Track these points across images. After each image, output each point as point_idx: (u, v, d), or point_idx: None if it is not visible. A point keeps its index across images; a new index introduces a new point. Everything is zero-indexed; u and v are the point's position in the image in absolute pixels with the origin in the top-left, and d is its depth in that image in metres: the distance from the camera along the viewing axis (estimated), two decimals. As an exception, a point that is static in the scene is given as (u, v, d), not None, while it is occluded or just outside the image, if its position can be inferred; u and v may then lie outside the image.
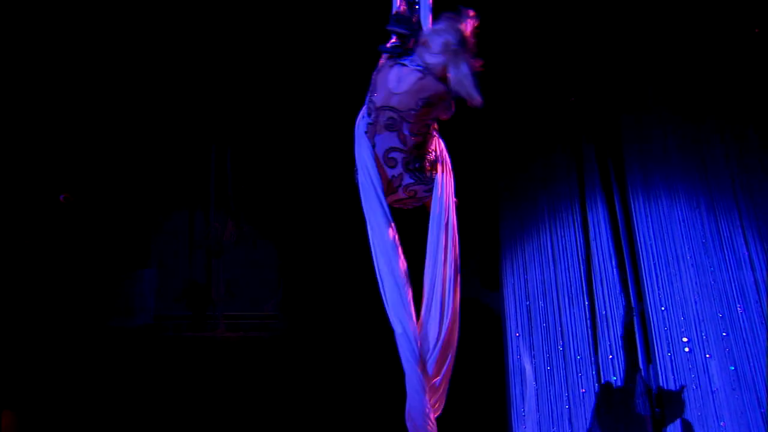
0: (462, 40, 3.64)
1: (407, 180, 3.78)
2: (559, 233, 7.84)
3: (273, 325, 10.43)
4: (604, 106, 7.80)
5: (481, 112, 7.43)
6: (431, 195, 3.86)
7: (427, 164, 3.80)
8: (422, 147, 3.76)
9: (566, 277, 7.72)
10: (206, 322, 10.52)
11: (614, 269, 7.48)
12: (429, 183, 3.82)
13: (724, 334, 6.77)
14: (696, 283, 7.09)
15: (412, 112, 3.63)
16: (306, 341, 9.36)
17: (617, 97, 7.71)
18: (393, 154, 3.72)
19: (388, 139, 3.71)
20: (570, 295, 7.62)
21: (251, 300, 10.92)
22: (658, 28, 7.38)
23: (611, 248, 7.56)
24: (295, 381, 8.94)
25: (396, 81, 3.70)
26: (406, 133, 3.69)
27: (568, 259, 7.75)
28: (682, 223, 7.24)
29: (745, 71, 7.04)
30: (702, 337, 6.88)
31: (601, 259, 7.58)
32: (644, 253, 7.32)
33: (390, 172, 3.75)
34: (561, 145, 7.95)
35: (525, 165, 8.13)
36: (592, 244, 7.65)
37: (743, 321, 6.72)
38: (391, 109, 3.66)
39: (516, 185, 8.18)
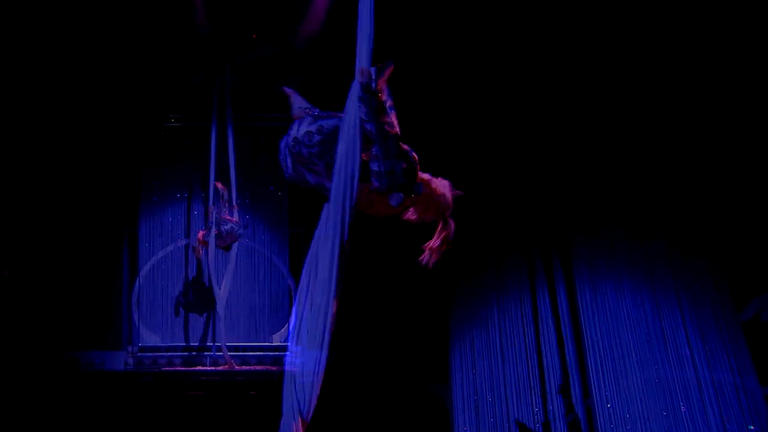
0: None
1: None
2: (508, 329, 7.92)
3: (284, 358, 9.30)
4: (556, 220, 8.07)
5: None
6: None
7: None
8: None
9: (514, 372, 7.76)
10: (204, 354, 9.38)
11: (565, 365, 7.58)
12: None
13: (669, 432, 6.88)
14: (641, 380, 7.21)
15: None
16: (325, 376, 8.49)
17: (569, 212, 8.03)
18: None
19: None
20: (518, 391, 7.64)
21: (259, 329, 9.72)
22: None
23: (559, 345, 7.66)
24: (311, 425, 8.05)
25: None
26: None
27: (516, 355, 7.80)
28: (627, 321, 7.41)
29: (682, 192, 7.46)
30: (648, 434, 6.97)
31: (549, 355, 7.67)
32: (591, 350, 7.44)
33: None
34: (514, 249, 8.16)
35: (478, 263, 8.25)
36: (541, 340, 7.75)
37: (686, 420, 6.84)
38: None
39: (468, 281, 8.27)
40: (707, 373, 7.03)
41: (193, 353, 9.45)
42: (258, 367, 9.04)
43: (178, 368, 9.10)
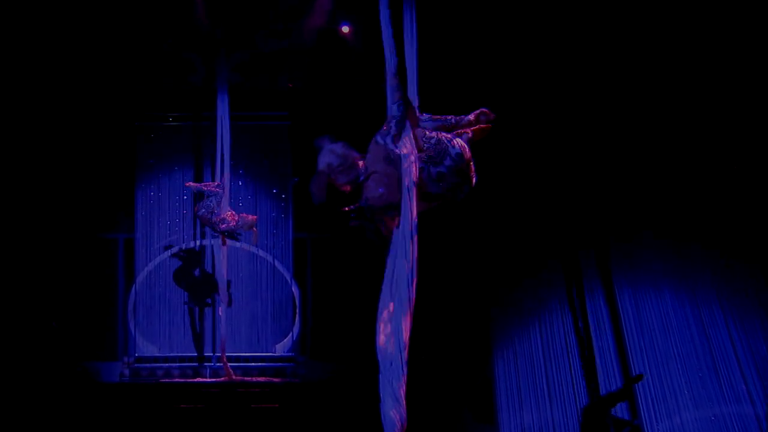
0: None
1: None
2: (553, 368, 7.71)
3: (288, 370, 8.98)
4: (595, 238, 7.98)
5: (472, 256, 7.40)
6: None
7: None
8: None
9: (562, 415, 7.54)
10: (204, 365, 9.10)
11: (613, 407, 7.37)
12: None
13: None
14: (696, 418, 7.07)
15: None
16: (329, 388, 8.02)
17: (608, 227, 7.87)
18: None
19: None
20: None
21: (261, 338, 9.39)
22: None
23: (608, 386, 7.48)
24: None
25: None
26: None
27: (564, 398, 7.59)
28: (677, 358, 7.32)
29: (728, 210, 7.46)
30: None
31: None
32: (642, 389, 7.29)
33: None
34: (554, 287, 8.00)
35: (518, 299, 8.09)
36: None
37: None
38: None
39: (508, 316, 8.09)
40: (765, 408, 6.95)
41: (193, 364, 9.17)
42: (260, 379, 8.69)
43: (176, 380, 8.83)
